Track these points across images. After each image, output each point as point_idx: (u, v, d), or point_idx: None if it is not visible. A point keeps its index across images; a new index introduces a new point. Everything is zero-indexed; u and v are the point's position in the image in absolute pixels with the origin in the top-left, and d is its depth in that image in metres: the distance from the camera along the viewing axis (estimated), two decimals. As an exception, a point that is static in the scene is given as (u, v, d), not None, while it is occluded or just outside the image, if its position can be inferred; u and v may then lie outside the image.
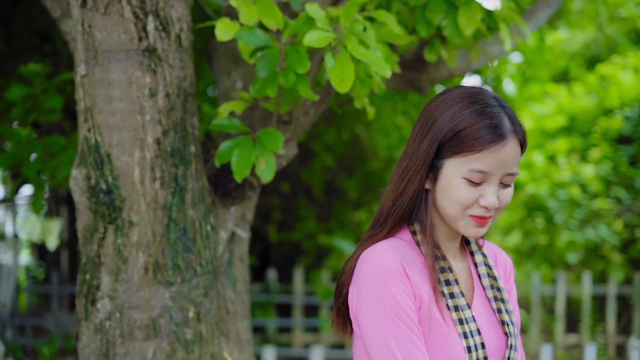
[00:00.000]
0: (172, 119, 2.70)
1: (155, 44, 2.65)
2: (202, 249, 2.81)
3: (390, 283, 1.96)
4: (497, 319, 2.13)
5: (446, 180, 1.99)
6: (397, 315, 1.94)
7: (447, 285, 2.05)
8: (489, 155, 1.94)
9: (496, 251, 2.31)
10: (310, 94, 2.67)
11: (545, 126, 10.57)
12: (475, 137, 1.94)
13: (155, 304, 2.69)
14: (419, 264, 2.04)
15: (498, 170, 1.96)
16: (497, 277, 2.18)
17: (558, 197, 9.76)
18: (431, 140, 2.00)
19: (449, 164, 1.98)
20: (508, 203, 2.05)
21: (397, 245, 2.05)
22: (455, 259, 2.15)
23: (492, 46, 3.73)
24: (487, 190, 1.97)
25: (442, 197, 2.02)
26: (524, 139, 2.03)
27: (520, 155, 2.04)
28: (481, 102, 1.99)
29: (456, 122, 1.97)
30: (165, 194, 2.69)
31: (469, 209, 1.99)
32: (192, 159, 2.78)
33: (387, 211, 2.09)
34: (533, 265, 10.29)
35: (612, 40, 11.64)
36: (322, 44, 2.55)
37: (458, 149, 1.96)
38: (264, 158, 2.77)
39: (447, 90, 2.07)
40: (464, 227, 2.02)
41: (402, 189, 2.06)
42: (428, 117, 2.04)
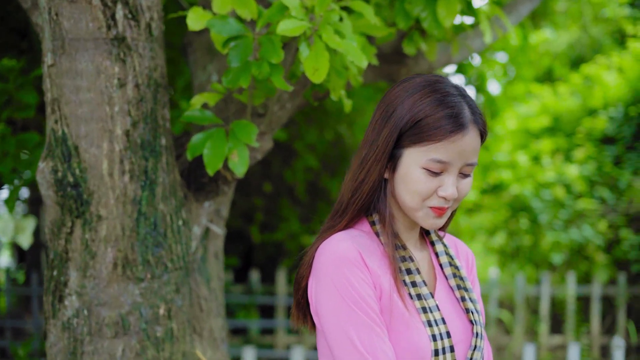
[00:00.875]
0: (142, 110, 2.63)
1: (124, 32, 2.58)
2: (174, 244, 2.73)
3: (349, 272, 1.92)
4: (462, 308, 2.09)
5: (405, 170, 1.96)
6: (356, 305, 1.91)
7: (408, 274, 2.01)
8: (449, 145, 1.92)
9: (457, 243, 2.28)
10: (284, 85, 2.60)
11: (529, 126, 10.55)
12: (435, 126, 1.91)
13: (125, 300, 2.61)
14: (378, 253, 2.01)
15: (458, 160, 1.94)
16: (460, 267, 2.15)
17: (542, 198, 9.73)
18: (391, 129, 1.97)
19: (409, 153, 1.95)
20: (467, 194, 2.05)
21: (354, 235, 2.01)
22: (415, 249, 2.12)
23: (472, 40, 3.68)
24: (446, 180, 1.95)
25: (401, 187, 1.99)
26: (485, 129, 2.01)
27: (480, 145, 2.02)
28: (441, 91, 1.96)
29: (416, 111, 1.94)
30: (134, 187, 2.61)
31: (428, 200, 1.97)
32: (163, 151, 2.71)
33: (346, 202, 2.06)
34: (517, 266, 10.26)
35: (596, 40, 11.63)
36: (296, 33, 2.48)
37: (418, 138, 1.93)
38: (237, 151, 2.70)
39: (407, 79, 2.04)
40: (422, 218, 1.99)
41: (362, 179, 2.02)
42: (388, 106, 2.01)
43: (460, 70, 8.15)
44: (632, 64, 9.84)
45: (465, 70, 8.08)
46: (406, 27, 3.18)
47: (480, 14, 3.26)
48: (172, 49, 4.97)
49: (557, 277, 9.97)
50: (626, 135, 9.60)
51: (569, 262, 9.83)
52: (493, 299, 9.35)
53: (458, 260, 2.19)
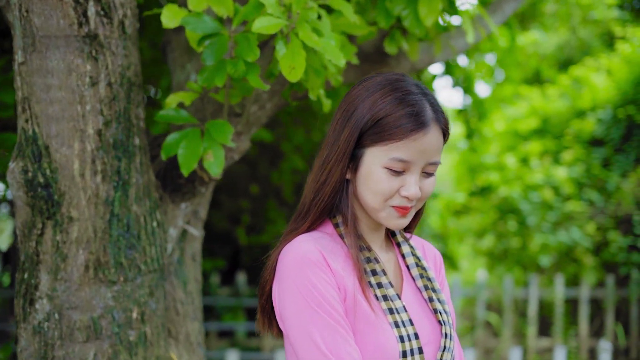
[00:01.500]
0: (115, 109, 2.57)
1: (96, 30, 2.52)
2: (148, 247, 2.67)
3: (311, 274, 1.90)
4: (430, 309, 2.07)
5: (367, 170, 1.95)
6: (319, 307, 1.88)
7: (373, 276, 1.99)
8: (410, 143, 1.90)
9: (424, 244, 2.26)
10: (260, 84, 2.55)
11: (518, 128, 10.52)
12: (396, 125, 1.90)
13: (97, 304, 2.55)
14: (342, 254, 1.98)
15: (420, 159, 1.93)
16: (427, 268, 2.12)
17: (530, 200, 9.70)
18: (352, 128, 1.95)
19: (370, 153, 1.94)
20: (430, 193, 2.01)
21: (317, 237, 1.99)
22: (381, 250, 2.10)
23: (456, 39, 3.63)
24: (408, 180, 1.94)
25: (362, 188, 1.97)
26: (447, 127, 2.00)
27: (443, 144, 2.00)
28: (402, 89, 1.95)
29: (377, 110, 1.92)
30: (107, 188, 2.56)
31: (391, 200, 1.95)
32: (137, 151, 2.65)
33: (308, 204, 2.04)
34: (505, 269, 10.23)
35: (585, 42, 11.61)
36: (272, 31, 2.44)
37: (379, 137, 1.92)
38: (212, 151, 2.65)
39: (368, 78, 2.03)
40: (385, 218, 1.98)
41: (323, 180, 2.01)
42: (349, 105, 1.99)
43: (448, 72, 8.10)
44: (621, 66, 9.82)
45: (452, 72, 8.03)
46: (387, 25, 3.13)
47: (463, 13, 3.21)
48: (156, 49, 4.90)
49: (545, 279, 9.94)
50: (614, 137, 9.57)
51: (557, 265, 9.81)
52: (481, 301, 9.31)
53: (425, 262, 2.17)
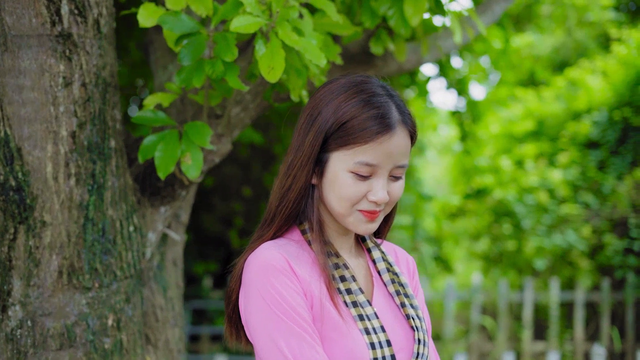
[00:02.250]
0: (90, 110, 2.50)
1: (70, 29, 2.45)
2: (124, 252, 2.61)
3: (276, 281, 1.86)
4: (402, 314, 2.02)
5: (333, 175, 1.91)
6: (285, 314, 1.84)
7: (342, 282, 1.94)
8: (377, 146, 1.86)
9: (396, 249, 2.22)
10: (239, 85, 2.49)
11: (513, 130, 10.46)
12: (361, 128, 1.86)
13: (70, 310, 2.48)
14: (309, 261, 1.94)
15: (387, 162, 1.88)
16: (399, 273, 2.07)
17: (525, 203, 9.66)
18: (316, 132, 1.91)
19: (335, 157, 1.90)
20: (399, 197, 1.97)
21: (282, 244, 1.95)
22: (350, 256, 2.06)
23: (444, 40, 3.56)
24: (375, 184, 1.90)
25: (329, 193, 1.93)
26: (414, 130, 1.95)
27: (411, 146, 1.96)
28: (367, 91, 1.91)
29: (341, 113, 1.88)
30: (81, 191, 2.48)
31: (358, 204, 1.91)
32: (113, 154, 2.58)
33: (274, 210, 1.99)
34: (500, 272, 10.17)
35: (581, 44, 11.55)
36: (251, 30, 2.37)
37: (344, 141, 1.87)
38: (190, 153, 2.58)
39: (332, 80, 1.98)
40: (353, 224, 1.94)
41: (288, 186, 1.96)
42: (313, 109, 1.95)
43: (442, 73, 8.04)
44: (617, 68, 9.77)
45: (446, 73, 7.97)
46: (372, 25, 3.06)
47: (450, 13, 3.14)
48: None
49: (541, 283, 9.90)
50: (610, 139, 9.53)
51: (552, 268, 9.77)
52: (476, 305, 9.25)
53: (398, 267, 2.11)
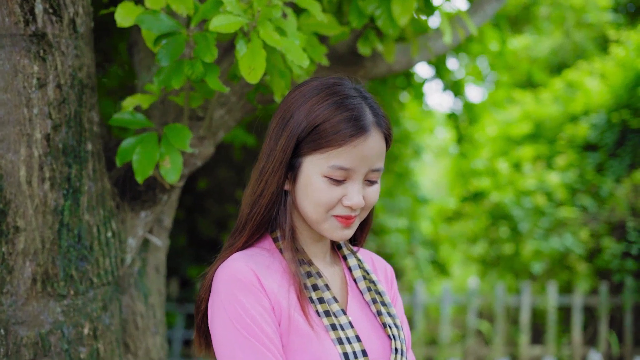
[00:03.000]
0: (65, 112, 2.43)
1: (44, 28, 2.37)
2: (101, 258, 2.53)
3: (242, 295, 1.81)
4: (379, 323, 1.97)
5: (306, 180, 1.86)
6: (246, 329, 1.78)
7: (315, 291, 1.90)
8: (351, 150, 1.80)
9: (373, 257, 2.17)
10: (220, 86, 2.42)
11: (510, 133, 10.39)
12: (335, 131, 1.80)
13: (45, 319, 2.40)
14: (280, 271, 1.90)
15: (361, 166, 1.83)
16: (376, 281, 2.03)
17: (523, 206, 9.60)
18: (288, 137, 1.86)
19: (309, 161, 1.85)
20: (375, 202, 1.92)
21: (253, 254, 1.91)
22: (325, 264, 2.01)
23: (434, 41, 3.48)
24: (350, 188, 1.84)
25: (302, 198, 1.88)
26: (389, 132, 1.90)
27: (386, 149, 1.91)
28: (340, 93, 1.86)
29: (314, 116, 1.83)
30: (56, 196, 2.41)
31: (333, 210, 1.86)
32: (89, 157, 2.51)
33: (245, 217, 1.94)
34: (497, 275, 10.10)
35: (579, 46, 11.48)
36: (231, 30, 2.31)
37: (317, 144, 1.82)
38: (169, 157, 2.51)
39: (305, 83, 1.93)
40: (328, 230, 1.89)
41: (260, 192, 1.91)
42: (284, 113, 1.90)
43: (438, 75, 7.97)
44: (615, 70, 9.70)
45: (442, 75, 7.90)
46: (360, 25, 3.00)
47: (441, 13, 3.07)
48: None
49: (538, 286, 9.85)
50: (608, 142, 9.46)
51: (549, 272, 9.71)
52: (472, 309, 9.19)
53: (375, 275, 2.07)
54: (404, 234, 10.24)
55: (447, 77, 7.94)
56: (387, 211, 10.04)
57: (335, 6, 3.28)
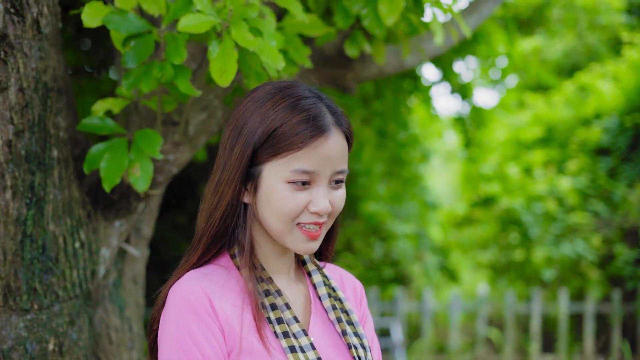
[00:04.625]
0: (28, 117, 2.31)
1: (5, 29, 2.25)
2: (67, 270, 2.42)
3: (190, 319, 1.73)
4: (344, 344, 1.88)
5: (267, 188, 1.76)
6: (188, 354, 1.71)
7: (273, 310, 1.80)
8: (312, 151, 1.73)
9: (342, 274, 2.07)
10: (191, 89, 2.30)
11: (520, 137, 10.25)
12: (293, 133, 1.72)
13: (7, 334, 2.29)
14: (237, 289, 1.81)
15: (325, 168, 1.75)
16: (343, 299, 1.93)
17: (533, 211, 9.46)
18: (243, 144, 1.76)
19: (268, 169, 1.75)
20: (341, 207, 1.83)
21: (207, 272, 1.81)
22: (289, 281, 1.91)
23: (427, 42, 3.35)
24: (315, 194, 1.76)
25: (265, 209, 1.78)
26: (350, 130, 1.83)
27: (349, 150, 1.83)
28: (294, 95, 1.78)
29: (269, 121, 1.75)
30: (18, 205, 2.29)
31: (298, 218, 1.76)
32: (55, 164, 2.39)
33: (200, 232, 1.85)
34: (507, 282, 9.96)
35: (591, 48, 11.31)
36: (201, 30, 2.20)
37: (276, 150, 1.73)
38: (139, 164, 2.38)
39: (256, 89, 1.86)
40: (293, 243, 1.79)
41: (215, 205, 1.82)
42: (237, 121, 1.81)
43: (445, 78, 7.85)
44: (628, 73, 9.54)
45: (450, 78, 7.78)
46: (346, 26, 2.88)
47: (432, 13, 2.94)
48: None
49: (549, 293, 9.72)
50: (621, 146, 9.32)
51: (561, 279, 9.58)
52: (482, 316, 9.07)
53: (342, 292, 1.97)
54: (411, 240, 10.11)
55: (455, 80, 7.81)
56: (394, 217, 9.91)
57: (322, 7, 3.16)
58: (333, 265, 2.06)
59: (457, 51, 7.16)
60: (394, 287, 10.09)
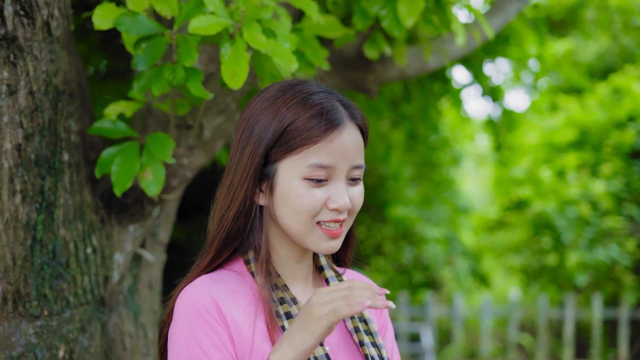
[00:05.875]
0: (38, 121, 2.28)
1: (15, 32, 2.22)
2: (79, 276, 2.39)
3: (196, 324, 1.69)
4: (361, 354, 1.81)
5: (284, 187, 1.71)
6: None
7: (288, 319, 1.73)
8: (328, 145, 1.68)
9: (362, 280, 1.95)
10: (203, 92, 2.27)
11: (554, 140, 10.13)
12: (307, 127, 1.69)
13: (16, 341, 2.26)
14: (249, 296, 1.75)
15: (342, 162, 1.70)
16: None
17: (567, 215, 9.35)
18: (255, 143, 1.72)
19: (284, 166, 1.71)
20: (360, 204, 1.77)
21: (219, 278, 1.76)
22: (305, 289, 1.85)
23: (450, 44, 3.29)
24: (334, 190, 1.70)
25: (282, 210, 1.72)
26: (365, 124, 1.78)
27: (364, 144, 1.80)
28: (305, 91, 1.75)
29: (280, 118, 1.70)
30: (28, 210, 2.26)
31: (318, 216, 1.70)
32: (65, 168, 2.36)
33: (212, 236, 1.79)
34: (540, 287, 9.85)
35: (626, 49, 11.15)
36: (212, 31, 2.17)
37: (290, 146, 1.69)
38: (151, 168, 2.35)
39: (266, 88, 1.83)
40: (314, 242, 1.73)
41: (227, 206, 1.76)
42: (248, 121, 1.76)
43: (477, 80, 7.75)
44: (664, 74, 9.40)
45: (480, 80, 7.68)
46: (365, 27, 2.83)
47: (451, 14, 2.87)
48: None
49: (582, 299, 9.61)
50: (656, 149, 9.19)
51: (594, 284, 9.49)
52: (514, 322, 8.97)
53: None
54: (442, 244, 10.03)
55: (485, 83, 7.71)
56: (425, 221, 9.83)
57: (342, 9, 3.11)
58: (354, 271, 2.00)
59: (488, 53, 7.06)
60: (424, 291, 10.02)
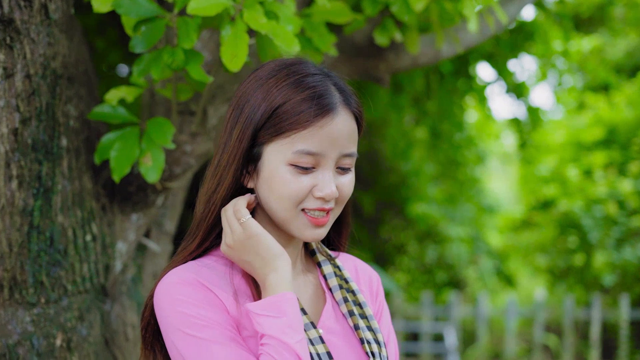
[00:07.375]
0: (35, 105, 2.24)
1: (11, 14, 2.19)
2: (77, 263, 2.35)
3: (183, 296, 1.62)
4: (356, 337, 1.76)
5: (269, 171, 1.65)
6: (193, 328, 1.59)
7: None
8: (317, 131, 1.61)
9: (357, 264, 1.94)
10: (203, 76, 2.22)
11: (581, 138, 9.99)
12: (297, 111, 1.61)
13: (13, 328, 2.23)
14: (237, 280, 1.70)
15: (331, 150, 1.62)
16: (356, 291, 1.82)
17: (593, 214, 9.21)
18: (244, 123, 1.65)
19: (270, 150, 1.64)
20: (350, 194, 1.69)
21: (203, 265, 1.71)
22: (295, 272, 1.78)
23: (464, 32, 3.20)
24: (321, 177, 1.64)
25: (267, 194, 1.66)
26: (360, 111, 1.69)
27: (358, 132, 1.71)
28: (299, 72, 1.67)
29: (272, 98, 1.63)
30: (24, 195, 2.22)
31: (302, 203, 1.64)
32: (64, 153, 2.32)
33: (198, 218, 1.73)
34: (566, 287, 9.71)
35: (656, 47, 10.98)
36: (212, 12, 2.13)
37: (278, 129, 1.62)
38: (150, 153, 2.30)
39: (261, 66, 1.75)
40: (299, 229, 1.67)
41: (214, 188, 1.70)
42: (239, 100, 1.70)
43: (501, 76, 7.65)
44: (693, 72, 9.23)
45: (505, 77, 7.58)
46: (374, 12, 2.77)
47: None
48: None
49: (609, 299, 9.47)
50: (685, 147, 9.02)
51: (622, 284, 9.35)
52: (539, 322, 8.85)
53: (356, 284, 1.85)
54: (466, 243, 9.92)
55: (510, 80, 7.60)
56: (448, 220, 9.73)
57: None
58: (348, 255, 1.94)
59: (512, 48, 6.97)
60: (448, 291, 9.92)
